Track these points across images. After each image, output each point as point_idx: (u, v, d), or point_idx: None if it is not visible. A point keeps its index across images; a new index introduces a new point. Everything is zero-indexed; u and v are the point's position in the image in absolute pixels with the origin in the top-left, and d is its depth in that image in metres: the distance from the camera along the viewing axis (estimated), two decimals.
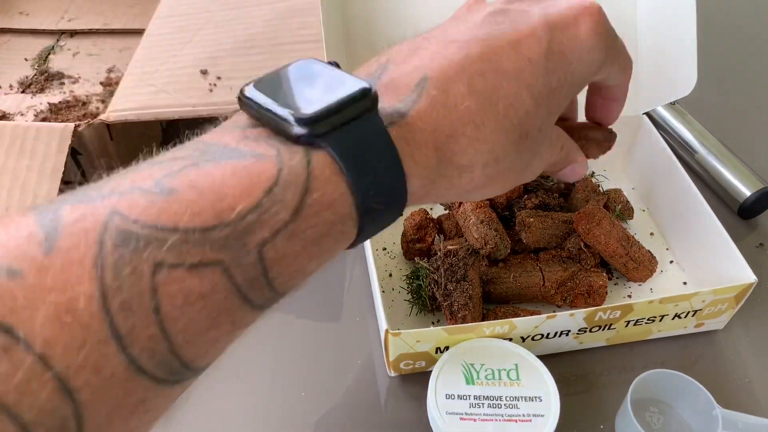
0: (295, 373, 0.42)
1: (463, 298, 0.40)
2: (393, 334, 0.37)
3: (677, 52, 0.46)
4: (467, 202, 0.46)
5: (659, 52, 0.48)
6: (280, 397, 0.41)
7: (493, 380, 0.37)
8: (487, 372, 0.37)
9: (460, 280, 0.41)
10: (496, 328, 0.38)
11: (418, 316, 0.44)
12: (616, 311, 0.39)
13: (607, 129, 0.36)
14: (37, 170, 0.42)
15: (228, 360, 0.43)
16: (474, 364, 0.37)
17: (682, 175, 0.46)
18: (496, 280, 0.44)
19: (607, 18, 0.28)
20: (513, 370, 0.37)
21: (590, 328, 0.40)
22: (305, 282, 0.23)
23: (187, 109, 0.46)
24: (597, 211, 0.44)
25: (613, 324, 0.40)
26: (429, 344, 0.38)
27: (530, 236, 0.44)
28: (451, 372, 0.37)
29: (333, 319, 0.46)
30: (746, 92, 0.65)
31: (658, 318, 0.41)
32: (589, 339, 0.42)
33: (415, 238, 0.47)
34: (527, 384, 0.36)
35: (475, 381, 0.37)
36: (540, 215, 0.45)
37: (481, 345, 0.38)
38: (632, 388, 0.37)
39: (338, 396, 0.41)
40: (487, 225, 0.44)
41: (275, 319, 0.46)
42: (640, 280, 0.46)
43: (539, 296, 0.44)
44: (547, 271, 0.44)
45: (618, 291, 0.46)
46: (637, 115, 0.50)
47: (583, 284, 0.43)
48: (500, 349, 0.38)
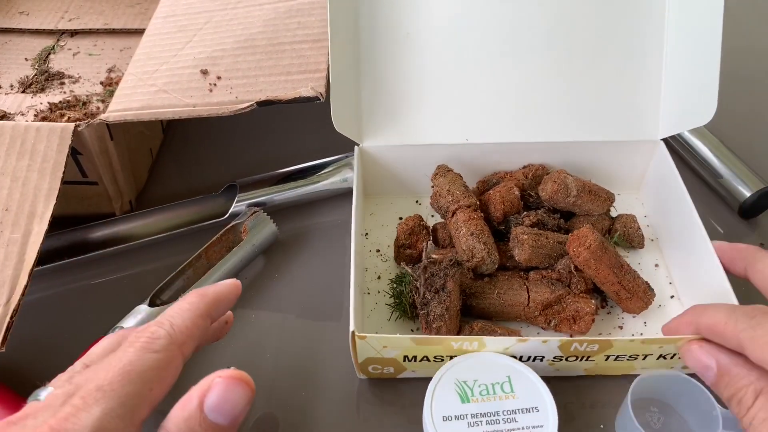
0: (295, 373, 0.43)
1: (439, 308, 0.39)
2: (359, 336, 0.36)
3: (700, 80, 0.46)
4: (460, 212, 0.45)
5: (682, 79, 0.48)
6: (281, 394, 0.41)
7: (488, 395, 0.36)
8: (481, 387, 0.36)
9: (439, 290, 0.40)
10: (465, 344, 0.37)
11: (398, 322, 0.44)
12: (593, 344, 0.37)
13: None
14: (38, 170, 0.42)
15: (224, 356, 0.44)
16: (467, 380, 0.37)
17: (690, 209, 0.44)
18: (480, 295, 0.43)
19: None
20: (506, 382, 0.37)
21: (566, 357, 0.39)
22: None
23: (187, 109, 0.46)
24: (590, 234, 0.42)
25: (591, 356, 0.39)
26: (396, 351, 0.38)
27: (522, 254, 0.43)
28: (445, 392, 0.36)
29: (334, 319, 0.46)
30: (747, 92, 0.65)
31: (641, 356, 0.39)
32: (566, 367, 0.40)
33: (406, 243, 0.46)
34: (522, 395, 0.36)
35: (470, 398, 0.36)
36: (535, 233, 0.44)
37: (472, 360, 0.38)
38: (632, 388, 0.37)
39: (311, 393, 0.41)
40: (476, 238, 0.43)
41: (276, 317, 0.46)
42: (634, 311, 0.44)
43: (522, 316, 0.43)
44: (533, 291, 0.42)
45: (609, 320, 0.44)
46: (655, 140, 0.50)
47: (569, 309, 0.42)
48: (491, 363, 0.37)
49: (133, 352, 0.28)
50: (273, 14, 0.54)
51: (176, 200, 0.53)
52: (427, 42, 0.49)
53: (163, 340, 0.29)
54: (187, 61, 0.51)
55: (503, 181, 0.50)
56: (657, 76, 0.49)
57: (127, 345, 0.29)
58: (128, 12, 0.67)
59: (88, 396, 0.26)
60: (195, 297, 0.33)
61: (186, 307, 0.32)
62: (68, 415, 0.26)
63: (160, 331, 0.30)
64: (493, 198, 0.47)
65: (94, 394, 0.26)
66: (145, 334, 0.29)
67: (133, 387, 0.27)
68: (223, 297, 0.34)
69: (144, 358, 0.28)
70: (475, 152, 0.51)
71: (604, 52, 0.49)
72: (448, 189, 0.46)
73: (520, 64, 0.49)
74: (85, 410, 0.26)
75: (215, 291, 0.34)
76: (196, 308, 0.32)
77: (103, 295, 0.48)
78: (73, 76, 0.60)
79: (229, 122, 0.63)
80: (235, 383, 0.29)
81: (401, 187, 0.53)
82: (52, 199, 0.41)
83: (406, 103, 0.50)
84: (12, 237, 0.39)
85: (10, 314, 0.36)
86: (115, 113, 0.46)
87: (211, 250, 0.48)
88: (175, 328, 0.30)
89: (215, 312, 0.33)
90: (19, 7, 0.68)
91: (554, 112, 0.50)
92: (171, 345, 0.29)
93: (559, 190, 0.46)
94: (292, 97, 0.47)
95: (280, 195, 0.53)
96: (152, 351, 0.29)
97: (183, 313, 0.31)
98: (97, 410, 0.26)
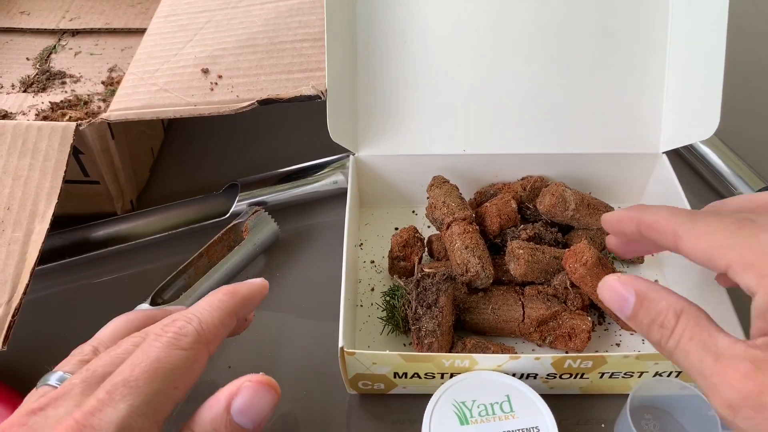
0: (291, 376, 0.43)
1: (431, 324, 0.39)
2: (348, 353, 0.36)
3: (703, 93, 0.46)
4: (456, 225, 0.44)
5: (685, 92, 0.47)
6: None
7: (487, 416, 0.35)
8: (479, 408, 0.35)
9: (431, 305, 0.39)
10: (456, 362, 0.37)
11: (390, 336, 0.43)
12: (587, 361, 0.37)
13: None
14: (39, 169, 0.42)
15: (225, 355, 0.44)
16: (465, 401, 0.36)
17: None
18: (473, 310, 0.42)
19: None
20: (506, 402, 0.36)
21: (560, 375, 0.38)
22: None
23: (189, 108, 0.46)
24: (586, 250, 0.40)
25: (585, 374, 0.38)
26: (386, 368, 0.37)
27: (518, 268, 0.42)
28: (443, 414, 0.35)
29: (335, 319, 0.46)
30: (747, 91, 0.65)
31: (637, 374, 0.38)
32: (561, 386, 0.39)
33: (400, 255, 0.45)
34: (522, 415, 0.35)
35: (469, 420, 0.35)
36: (531, 247, 0.43)
37: (469, 379, 0.37)
38: (631, 396, 0.36)
39: (303, 404, 0.41)
40: (471, 251, 0.42)
41: (277, 316, 0.46)
42: (633, 329, 0.43)
43: (517, 332, 0.42)
44: (528, 306, 0.41)
45: (606, 338, 0.43)
46: (657, 153, 0.49)
47: (565, 326, 0.41)
48: (490, 382, 0.37)
49: (160, 347, 0.28)
50: (274, 13, 0.54)
51: (177, 199, 0.53)
52: (425, 51, 0.48)
53: (191, 338, 0.29)
54: (188, 61, 0.51)
55: (500, 192, 0.50)
56: (659, 88, 0.49)
57: (153, 338, 0.28)
58: (129, 12, 0.67)
59: (114, 391, 0.26)
60: (226, 295, 0.32)
61: (217, 304, 0.31)
62: (94, 410, 0.25)
63: (189, 327, 0.29)
64: (490, 210, 0.46)
65: (120, 389, 0.26)
66: (173, 329, 0.29)
67: (159, 385, 0.26)
68: (252, 297, 0.34)
69: (171, 355, 0.28)
70: (472, 163, 0.50)
71: (605, 64, 0.48)
72: (443, 201, 0.46)
73: (519, 75, 0.48)
74: (111, 405, 0.25)
75: (246, 290, 0.33)
76: (226, 306, 0.31)
77: (104, 294, 0.48)
78: (74, 76, 0.60)
79: (230, 121, 0.63)
80: (264, 389, 0.29)
81: (397, 197, 0.53)
82: (53, 199, 0.41)
83: (403, 113, 0.49)
84: (14, 236, 0.39)
85: (12, 313, 0.36)
86: (116, 112, 0.46)
87: (213, 250, 0.48)
88: (204, 326, 0.30)
89: (243, 311, 0.33)
90: (20, 7, 0.68)
91: (554, 124, 0.49)
92: (198, 343, 0.29)
93: (557, 203, 0.45)
94: (293, 95, 0.47)
95: (282, 194, 0.53)
96: (180, 348, 0.28)
97: (213, 310, 0.31)
98: (123, 406, 0.25)
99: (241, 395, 0.28)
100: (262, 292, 0.35)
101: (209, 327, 0.30)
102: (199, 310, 0.31)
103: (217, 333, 0.30)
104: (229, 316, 0.31)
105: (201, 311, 0.30)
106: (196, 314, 0.30)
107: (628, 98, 0.49)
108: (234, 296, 0.32)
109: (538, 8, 0.47)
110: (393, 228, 0.52)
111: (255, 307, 0.35)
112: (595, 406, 0.41)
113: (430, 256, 0.48)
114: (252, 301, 0.34)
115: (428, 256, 0.48)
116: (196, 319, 0.30)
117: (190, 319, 0.30)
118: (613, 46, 0.48)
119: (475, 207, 0.48)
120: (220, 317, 0.31)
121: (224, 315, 0.31)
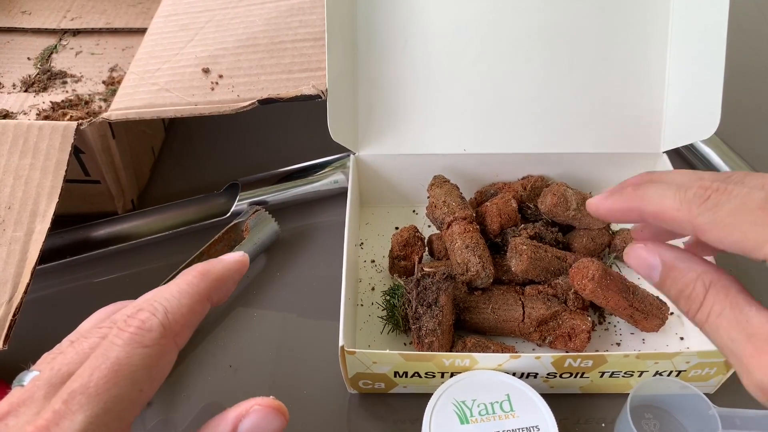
0: (291, 377, 0.43)
1: (432, 323, 0.39)
2: (348, 352, 0.36)
3: (704, 93, 0.46)
4: (456, 224, 0.44)
5: (686, 92, 0.47)
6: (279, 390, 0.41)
7: (487, 415, 0.35)
8: (480, 407, 0.35)
9: (431, 304, 0.39)
10: (456, 361, 0.37)
11: (390, 335, 0.43)
12: (587, 360, 0.37)
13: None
14: (40, 168, 0.42)
15: (225, 355, 0.44)
16: (465, 400, 0.36)
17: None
18: (473, 309, 0.42)
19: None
20: (506, 401, 0.36)
21: (560, 374, 0.38)
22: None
23: (189, 108, 0.46)
24: (590, 264, 0.40)
25: (585, 373, 0.38)
26: (386, 367, 0.38)
27: (520, 264, 0.42)
28: (443, 414, 0.35)
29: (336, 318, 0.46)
30: (748, 91, 0.65)
31: (637, 373, 0.38)
32: (561, 385, 0.39)
33: (400, 254, 0.45)
34: (522, 414, 0.35)
35: (469, 419, 0.35)
36: (534, 245, 0.43)
37: (469, 378, 0.37)
38: (631, 395, 0.36)
39: (303, 403, 0.41)
40: (471, 251, 0.42)
41: (278, 315, 0.46)
42: (653, 330, 0.42)
43: (517, 332, 0.42)
44: (528, 306, 0.41)
45: (606, 337, 0.43)
46: (658, 152, 0.49)
47: (565, 326, 0.41)
48: (490, 381, 0.37)
49: (121, 346, 0.25)
50: (274, 12, 0.55)
51: (178, 199, 0.53)
52: (426, 51, 0.48)
53: (155, 333, 0.26)
54: (189, 60, 0.51)
55: (501, 192, 0.50)
56: (660, 88, 0.49)
57: (115, 334, 0.26)
58: (130, 11, 0.67)
59: (71, 400, 0.24)
60: (196, 277, 0.29)
61: (185, 288, 0.29)
62: (49, 423, 0.23)
63: (153, 320, 0.27)
64: (490, 210, 0.46)
65: (78, 398, 0.24)
66: (135, 323, 0.26)
67: (120, 389, 0.25)
68: (228, 276, 0.31)
69: (133, 354, 0.25)
70: (473, 162, 0.50)
71: (606, 63, 0.48)
72: (443, 200, 0.46)
73: (519, 74, 0.48)
74: (68, 417, 0.23)
75: (221, 269, 0.31)
76: (195, 290, 0.29)
77: (105, 294, 0.48)
78: (75, 76, 0.60)
79: (230, 121, 0.63)
80: (273, 413, 0.27)
81: (398, 196, 0.53)
82: (54, 198, 0.41)
83: (404, 112, 0.49)
84: (14, 235, 0.39)
85: (12, 312, 0.36)
86: (117, 112, 0.46)
87: (213, 249, 0.48)
88: (170, 317, 0.27)
89: (217, 294, 0.30)
90: (21, 7, 0.68)
91: (554, 123, 0.49)
92: (163, 338, 0.26)
93: (558, 203, 0.45)
94: (293, 95, 0.47)
95: (282, 194, 0.53)
96: (143, 345, 0.26)
97: (182, 296, 0.28)
98: (80, 418, 0.23)
99: (249, 418, 0.27)
100: (240, 269, 0.32)
101: (176, 317, 0.27)
102: (166, 296, 0.28)
103: (186, 323, 0.28)
104: (200, 302, 0.29)
105: (168, 298, 0.28)
106: (162, 303, 0.27)
107: (628, 98, 0.49)
108: (206, 277, 0.30)
109: (539, 8, 0.47)
110: (393, 227, 0.52)
111: (233, 286, 0.32)
112: (596, 405, 0.41)
113: (430, 256, 0.48)
114: (228, 281, 0.31)
115: (428, 256, 0.48)
116: (161, 308, 0.27)
117: (155, 309, 0.27)
118: (613, 45, 0.48)
119: (476, 206, 0.48)
120: (189, 304, 0.28)
121: (193, 301, 0.28)
